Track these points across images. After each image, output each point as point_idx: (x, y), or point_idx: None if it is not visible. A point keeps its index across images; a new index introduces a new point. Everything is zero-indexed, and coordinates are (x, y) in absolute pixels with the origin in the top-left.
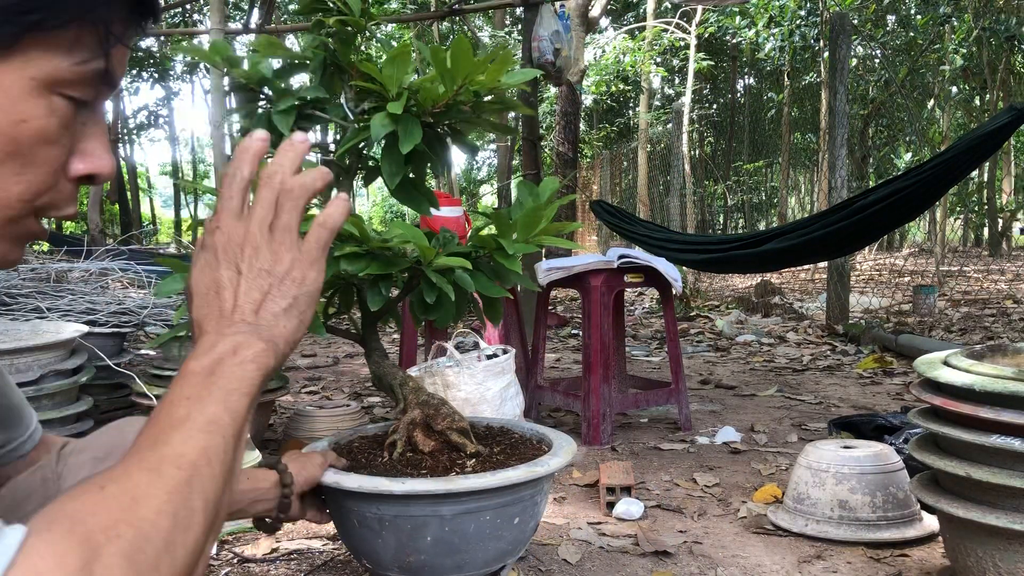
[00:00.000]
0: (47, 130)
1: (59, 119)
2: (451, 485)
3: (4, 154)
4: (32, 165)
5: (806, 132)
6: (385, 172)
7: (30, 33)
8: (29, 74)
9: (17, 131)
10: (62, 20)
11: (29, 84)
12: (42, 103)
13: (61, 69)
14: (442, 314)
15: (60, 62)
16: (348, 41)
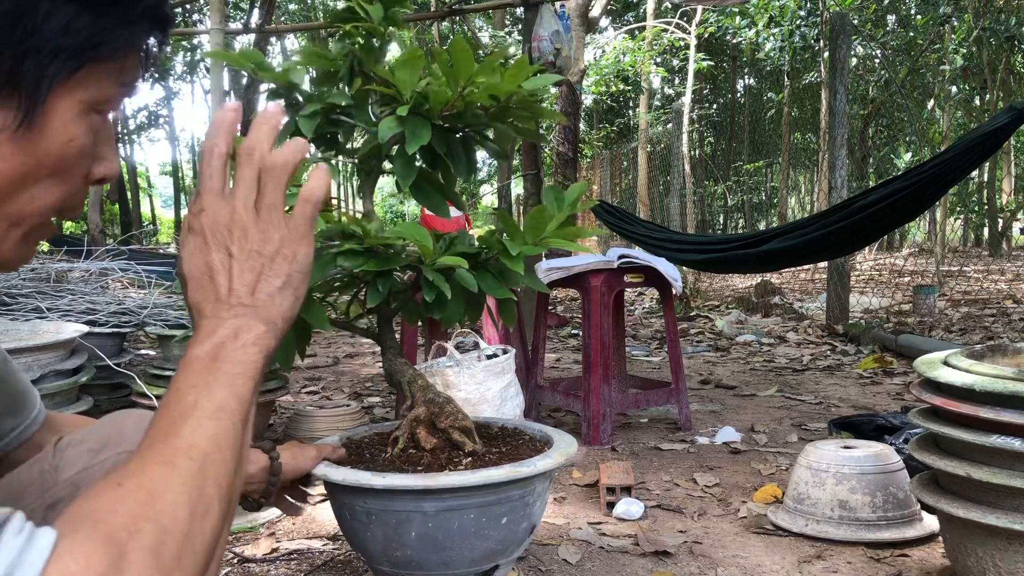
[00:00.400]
0: (87, 146)
1: (94, 134)
2: (430, 481)
3: (51, 170)
4: (70, 177)
5: (806, 132)
6: (397, 173)
7: (89, 64)
8: (79, 98)
9: (65, 150)
10: (118, 52)
11: (79, 107)
12: (85, 122)
13: (108, 93)
14: (445, 313)
15: (109, 87)
16: (371, 48)
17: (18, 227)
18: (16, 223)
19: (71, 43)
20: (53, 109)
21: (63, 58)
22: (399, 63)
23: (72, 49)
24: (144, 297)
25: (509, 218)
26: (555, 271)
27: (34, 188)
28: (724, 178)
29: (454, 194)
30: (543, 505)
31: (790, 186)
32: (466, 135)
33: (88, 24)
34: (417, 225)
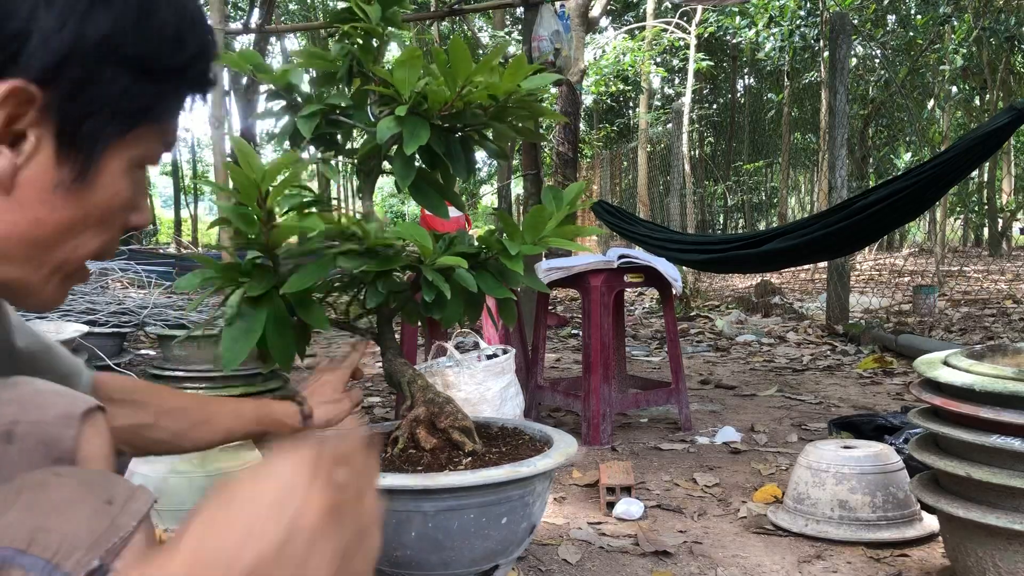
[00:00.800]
0: (131, 199)
1: (137, 188)
2: (430, 481)
3: (96, 221)
4: (111, 227)
5: (806, 132)
6: (396, 173)
7: (141, 126)
8: (130, 156)
9: (111, 203)
10: (167, 115)
11: (128, 164)
12: (131, 178)
13: (153, 151)
14: (445, 313)
15: (155, 146)
16: (370, 48)
17: (60, 272)
18: (59, 269)
19: (127, 107)
20: (105, 166)
21: (119, 120)
22: (398, 63)
23: (128, 113)
24: (144, 297)
25: (509, 218)
26: (555, 271)
27: (80, 238)
28: (724, 178)
29: (453, 194)
30: (543, 505)
31: (790, 186)
32: (465, 135)
33: (145, 90)
34: (417, 225)
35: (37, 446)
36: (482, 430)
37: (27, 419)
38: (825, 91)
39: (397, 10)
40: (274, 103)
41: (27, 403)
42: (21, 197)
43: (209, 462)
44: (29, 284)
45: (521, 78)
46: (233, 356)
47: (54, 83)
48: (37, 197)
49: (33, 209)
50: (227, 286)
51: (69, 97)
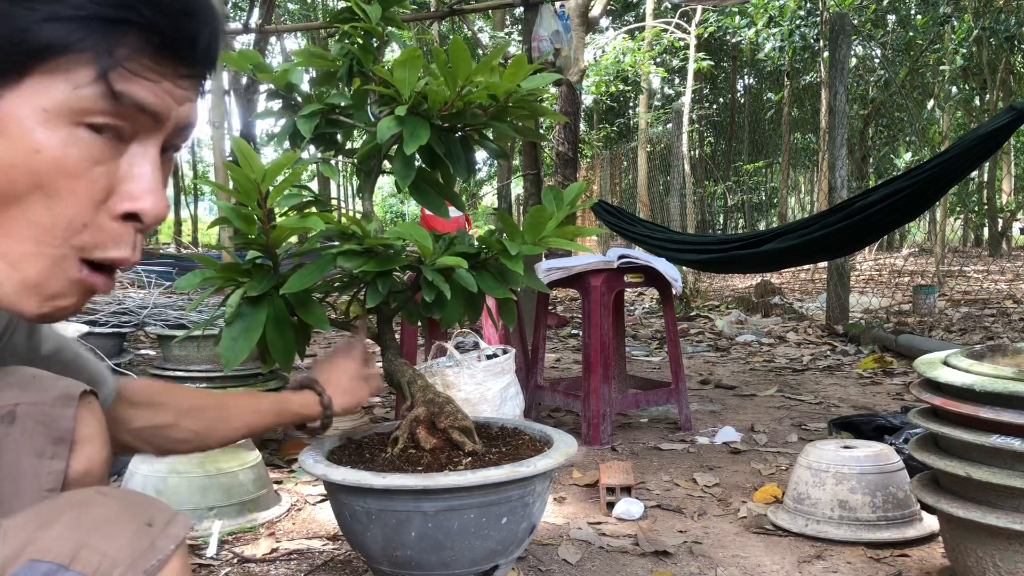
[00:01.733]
0: (65, 160)
1: (81, 151)
2: (430, 481)
3: (26, 186)
4: (57, 198)
5: (806, 132)
6: (396, 173)
7: (32, 62)
8: (40, 104)
9: (32, 161)
10: (57, 49)
11: (42, 115)
12: (57, 134)
13: (68, 97)
14: (445, 313)
15: (65, 89)
16: (369, 48)
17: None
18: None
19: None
20: (6, 115)
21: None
22: (398, 63)
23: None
24: (144, 297)
25: (509, 218)
26: (555, 271)
27: (21, 207)
28: (724, 178)
29: (453, 194)
30: (543, 505)
31: (790, 186)
32: (465, 135)
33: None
34: (417, 225)
35: (37, 427)
36: (482, 430)
37: (27, 400)
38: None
39: (397, 10)
40: (274, 103)
41: (26, 386)
42: None
43: (209, 462)
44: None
45: (521, 78)
46: (233, 356)
47: None
48: None
49: None
50: (227, 286)
51: None
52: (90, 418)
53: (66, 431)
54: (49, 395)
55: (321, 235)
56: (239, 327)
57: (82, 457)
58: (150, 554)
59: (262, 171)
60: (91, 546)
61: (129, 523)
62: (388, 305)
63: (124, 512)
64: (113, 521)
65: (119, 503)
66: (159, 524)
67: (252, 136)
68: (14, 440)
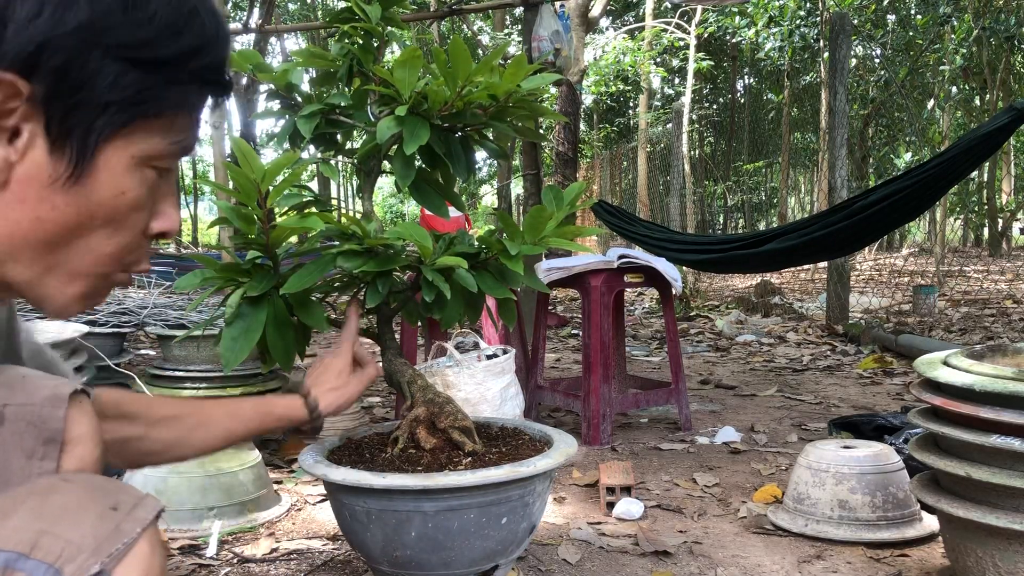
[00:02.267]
0: (140, 199)
1: (148, 188)
2: (430, 481)
3: (103, 221)
4: (124, 229)
5: (806, 132)
6: (396, 173)
7: (139, 120)
8: (131, 152)
9: (117, 202)
10: (166, 110)
11: (130, 161)
12: (137, 176)
13: (159, 148)
14: (445, 313)
15: (159, 142)
16: (369, 48)
17: (77, 280)
18: (74, 275)
19: (118, 98)
20: (103, 162)
21: (111, 112)
22: (398, 63)
23: (120, 104)
24: (144, 297)
25: (509, 218)
26: (555, 271)
27: (89, 239)
28: (724, 178)
29: (453, 194)
30: (543, 505)
31: (790, 186)
32: (465, 135)
33: (135, 81)
34: (416, 225)
35: (28, 428)
36: (482, 430)
37: (16, 401)
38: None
39: (397, 10)
40: (274, 103)
41: (15, 386)
42: (20, 194)
43: (209, 462)
44: (41, 287)
45: (521, 78)
46: (233, 356)
47: (37, 73)
48: (36, 194)
49: (33, 207)
50: (227, 286)
51: (55, 87)
52: (81, 418)
53: (56, 431)
54: (39, 395)
55: (321, 235)
56: (239, 327)
57: (73, 458)
58: (115, 538)
59: (262, 171)
60: (53, 533)
61: (92, 508)
62: (388, 305)
63: (87, 498)
64: (76, 507)
65: (82, 489)
66: (124, 508)
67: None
68: (3, 441)
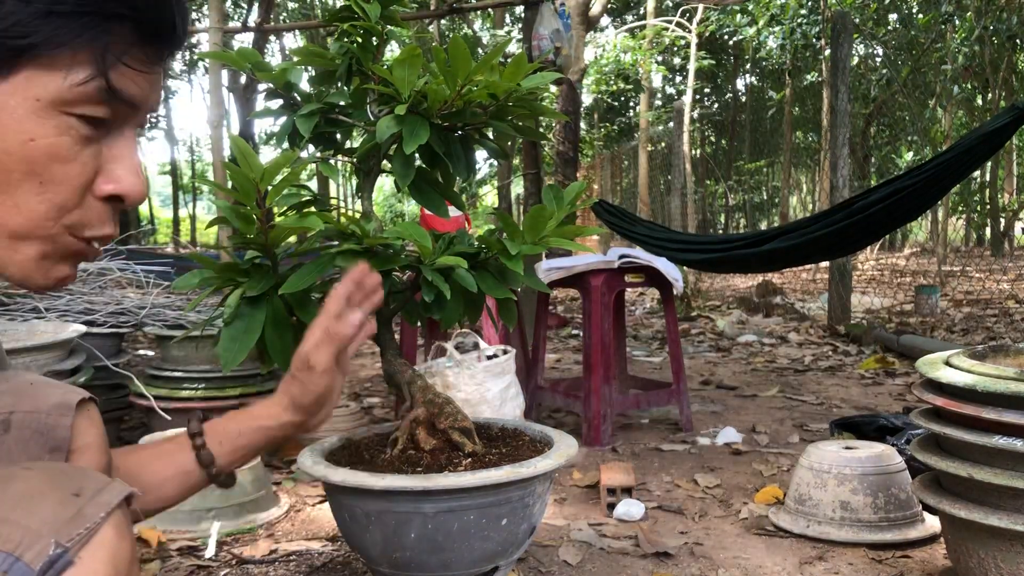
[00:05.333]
0: (58, 148)
1: (72, 138)
2: (430, 483)
3: (20, 173)
4: (51, 183)
5: (808, 131)
6: (396, 173)
7: (26, 56)
8: (33, 95)
9: (27, 150)
10: (54, 44)
11: (34, 105)
12: (50, 122)
13: (62, 89)
14: (445, 313)
15: (60, 84)
16: (369, 47)
17: (23, 243)
18: (15, 237)
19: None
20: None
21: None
22: (397, 62)
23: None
24: (142, 297)
25: (509, 218)
26: (555, 271)
27: (12, 194)
28: (725, 177)
29: (453, 193)
30: (543, 506)
31: (791, 186)
32: (465, 134)
33: (8, 14)
34: (416, 225)
35: (33, 435)
36: (482, 431)
37: (23, 408)
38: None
39: (396, 8)
40: (273, 102)
41: (22, 393)
42: None
43: None
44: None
45: (521, 77)
46: (232, 356)
47: None
48: None
49: None
50: (226, 286)
51: None
52: (88, 427)
53: (63, 440)
54: (46, 403)
55: (320, 235)
56: (238, 327)
57: None
58: (77, 522)
59: (261, 170)
60: (12, 521)
61: (52, 495)
62: (388, 305)
63: (48, 484)
64: (36, 494)
65: (43, 476)
66: (88, 493)
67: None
68: (8, 449)
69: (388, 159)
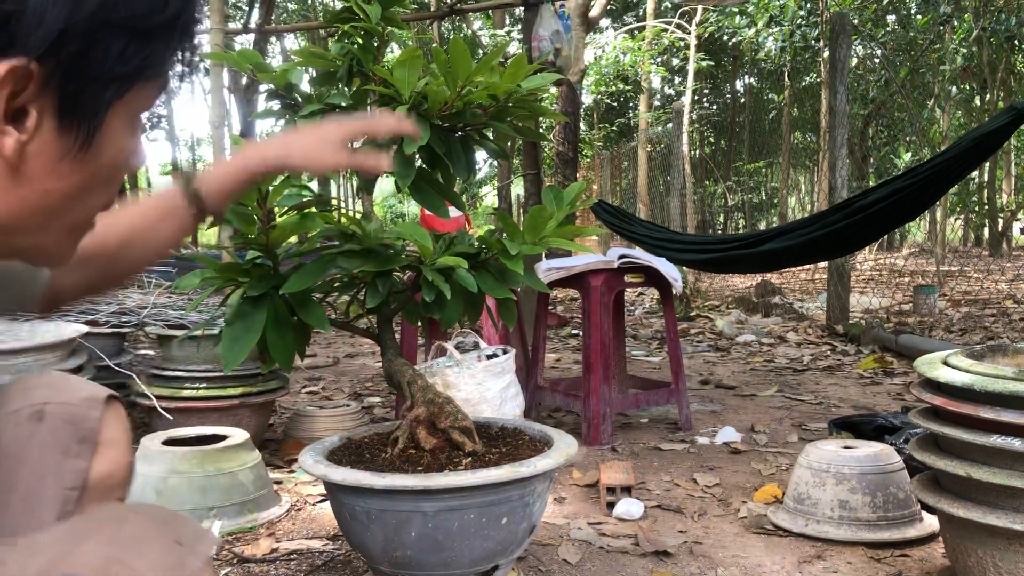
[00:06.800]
0: (132, 149)
1: (137, 134)
2: (430, 482)
3: (104, 180)
4: (118, 181)
5: (806, 132)
6: (396, 173)
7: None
8: (129, 112)
9: (117, 160)
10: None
11: (127, 121)
12: (131, 129)
13: (150, 101)
14: (445, 313)
15: (152, 98)
16: (369, 48)
17: (74, 232)
18: (72, 229)
19: (124, 71)
20: (108, 127)
21: (117, 84)
22: (398, 63)
23: (125, 76)
24: (144, 297)
25: (509, 218)
26: (555, 271)
27: (89, 198)
28: (724, 178)
29: (453, 194)
30: (543, 505)
31: (790, 186)
32: (465, 134)
33: (137, 51)
34: (416, 225)
35: (64, 425)
36: (482, 430)
37: (56, 400)
38: (825, 91)
39: (397, 9)
40: (274, 103)
41: (56, 386)
42: (29, 172)
43: (209, 462)
44: (43, 248)
45: (521, 78)
46: (233, 356)
47: (48, 56)
48: (44, 170)
49: (41, 182)
50: (227, 286)
51: (67, 69)
52: (116, 422)
53: (91, 431)
54: (76, 396)
55: (321, 235)
56: (239, 327)
57: (105, 460)
58: (179, 571)
59: None
60: (122, 562)
61: (159, 540)
62: (388, 305)
63: (155, 530)
64: (144, 538)
65: (150, 521)
66: (188, 542)
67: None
68: (42, 437)
69: None
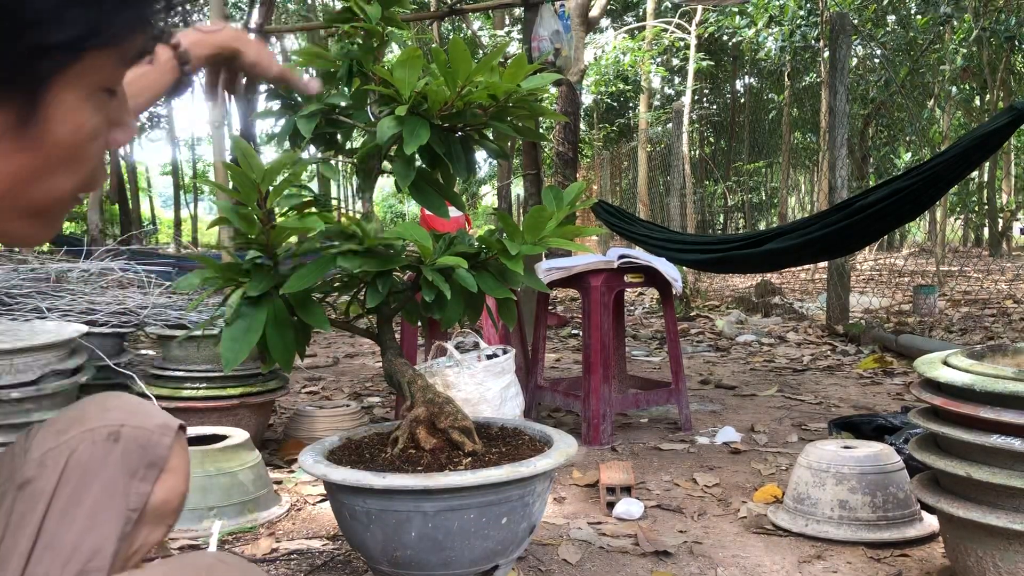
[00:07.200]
0: (97, 127)
1: (104, 112)
2: (430, 482)
3: (62, 160)
4: (84, 162)
5: (806, 132)
6: (396, 173)
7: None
8: (84, 85)
9: (75, 138)
10: (119, 38)
11: (84, 93)
12: (91, 104)
13: (115, 74)
14: (445, 313)
15: (114, 69)
16: (369, 48)
17: (40, 216)
18: (36, 213)
19: (62, 38)
20: (55, 102)
21: (55, 55)
22: (398, 63)
23: (65, 44)
24: (144, 297)
25: (509, 218)
26: (555, 271)
27: (49, 179)
28: (724, 178)
29: (453, 194)
30: (543, 505)
31: (790, 186)
32: (465, 135)
33: (78, 16)
34: (416, 225)
35: (137, 448)
36: (482, 430)
37: (132, 423)
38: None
39: (397, 10)
40: (274, 103)
41: (133, 410)
42: None
43: (209, 462)
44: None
45: (521, 78)
46: (233, 356)
47: None
48: None
49: None
50: (227, 286)
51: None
52: (181, 452)
53: (160, 458)
54: (152, 422)
55: (321, 235)
56: (239, 327)
57: (165, 487)
58: None
59: (262, 171)
60: None
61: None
62: (388, 305)
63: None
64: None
65: (238, 571)
66: None
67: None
68: (116, 457)
69: (389, 160)
